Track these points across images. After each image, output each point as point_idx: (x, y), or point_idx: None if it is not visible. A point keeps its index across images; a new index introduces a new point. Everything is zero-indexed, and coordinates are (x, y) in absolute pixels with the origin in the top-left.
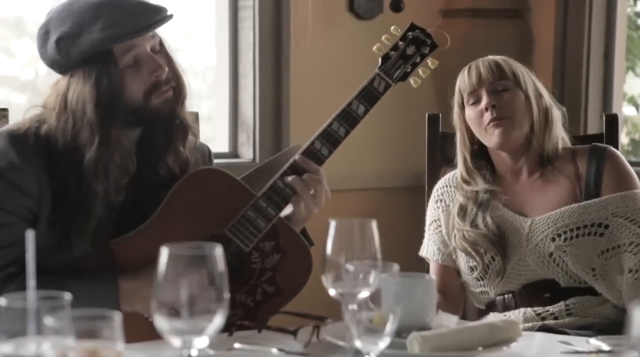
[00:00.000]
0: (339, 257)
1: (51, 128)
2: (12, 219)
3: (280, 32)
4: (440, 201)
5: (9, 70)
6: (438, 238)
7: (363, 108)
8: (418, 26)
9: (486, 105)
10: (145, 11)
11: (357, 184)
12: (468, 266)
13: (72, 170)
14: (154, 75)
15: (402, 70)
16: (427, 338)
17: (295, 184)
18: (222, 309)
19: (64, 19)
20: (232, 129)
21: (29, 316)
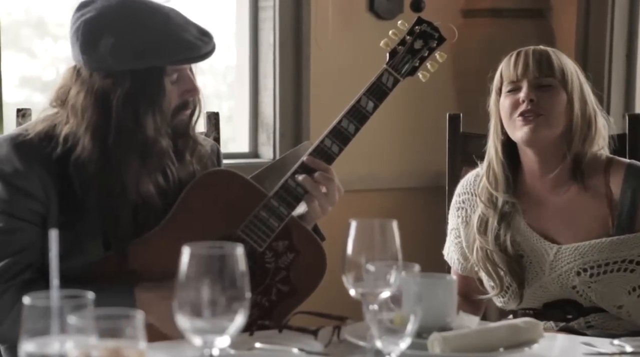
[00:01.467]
0: (359, 257)
1: (73, 130)
2: (22, 224)
3: (300, 32)
4: (461, 208)
5: (31, 71)
6: (458, 249)
7: (372, 104)
8: (425, 20)
9: (524, 98)
10: (202, 36)
11: (376, 184)
12: (488, 284)
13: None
14: (188, 95)
15: (411, 65)
16: (448, 339)
17: (306, 183)
18: (243, 308)
19: (126, 27)
20: (252, 129)
21: (52, 315)
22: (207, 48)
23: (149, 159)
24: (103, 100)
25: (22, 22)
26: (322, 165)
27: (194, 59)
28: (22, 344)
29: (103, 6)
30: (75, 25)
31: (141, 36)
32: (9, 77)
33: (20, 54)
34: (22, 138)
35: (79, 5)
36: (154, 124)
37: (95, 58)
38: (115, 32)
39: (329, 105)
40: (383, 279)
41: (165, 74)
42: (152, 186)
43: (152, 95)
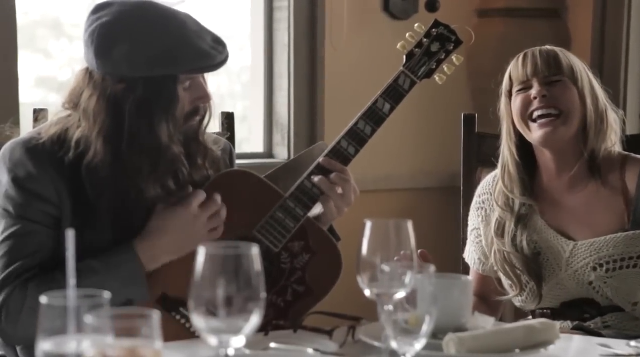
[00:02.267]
0: (374, 257)
1: (85, 134)
2: (36, 227)
3: (315, 33)
4: (481, 208)
5: (47, 71)
6: (479, 248)
7: (389, 106)
8: (442, 23)
9: (536, 94)
10: (217, 45)
11: (392, 184)
12: (507, 285)
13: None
14: (199, 101)
15: (427, 67)
16: (463, 340)
17: (322, 184)
18: (259, 308)
19: (142, 33)
20: (267, 130)
21: (69, 314)
22: (221, 57)
23: (162, 165)
24: (115, 106)
25: (38, 23)
26: (338, 166)
27: (208, 69)
28: (39, 344)
29: (119, 11)
30: (91, 29)
31: (156, 44)
32: (25, 77)
33: (37, 55)
34: (35, 142)
35: (95, 7)
36: (167, 131)
37: (109, 63)
38: (130, 39)
39: (344, 105)
40: (398, 280)
41: (178, 82)
42: (161, 190)
43: (165, 103)
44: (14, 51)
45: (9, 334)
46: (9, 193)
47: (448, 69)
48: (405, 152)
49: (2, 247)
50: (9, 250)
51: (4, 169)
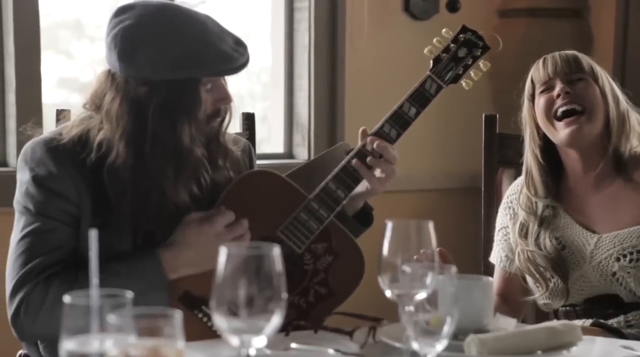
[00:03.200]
0: (395, 258)
1: (108, 136)
2: (55, 224)
3: (335, 33)
4: (509, 208)
5: (69, 72)
6: (506, 246)
7: (415, 110)
8: (470, 28)
9: (559, 91)
10: (238, 47)
11: (412, 184)
12: (533, 285)
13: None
14: (221, 103)
15: (454, 72)
16: (484, 341)
17: (360, 168)
18: (280, 308)
19: (164, 37)
20: (287, 130)
21: (92, 314)
22: (243, 59)
23: (185, 168)
24: (138, 109)
25: (60, 24)
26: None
27: (231, 71)
28: (62, 342)
29: (142, 14)
30: (114, 32)
31: (179, 47)
32: (48, 78)
33: (59, 56)
34: (56, 142)
35: (117, 10)
36: (189, 133)
37: (133, 67)
38: (153, 43)
39: (364, 105)
40: (419, 280)
41: (200, 84)
42: (186, 195)
43: (188, 105)
44: (37, 52)
45: (26, 329)
46: (29, 191)
47: (475, 75)
48: (426, 152)
49: (22, 244)
50: (29, 246)
51: (25, 168)
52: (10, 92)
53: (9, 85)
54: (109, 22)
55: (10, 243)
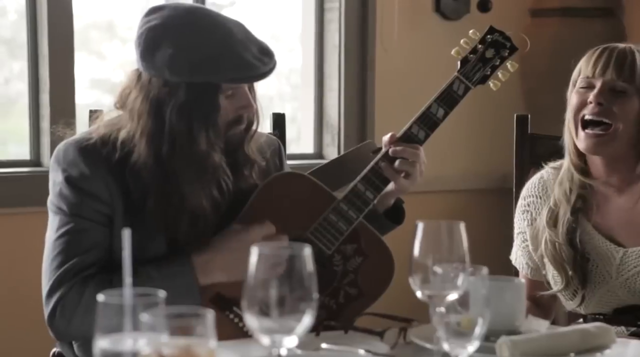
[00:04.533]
0: (426, 259)
1: (130, 134)
2: (89, 225)
3: (365, 34)
4: (526, 212)
5: (101, 73)
6: (526, 253)
7: (442, 111)
8: (497, 29)
9: (592, 99)
10: (262, 56)
11: (443, 185)
12: (553, 280)
13: (150, 178)
14: (242, 111)
15: (482, 73)
16: (516, 343)
17: (387, 171)
18: (311, 309)
19: (187, 39)
20: (317, 130)
21: (125, 313)
22: (265, 68)
23: (203, 173)
24: (157, 108)
25: (92, 25)
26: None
27: (249, 79)
28: (96, 341)
29: (169, 15)
30: (140, 31)
31: (200, 50)
32: (80, 79)
33: (91, 57)
34: (86, 142)
35: (148, 10)
36: (206, 139)
37: (152, 66)
38: (174, 43)
39: (394, 106)
40: (450, 282)
41: (220, 90)
42: (205, 199)
43: (205, 110)
44: (71, 54)
45: (61, 329)
46: (62, 192)
47: (502, 76)
48: (456, 153)
49: (58, 244)
50: (65, 247)
51: (58, 169)
52: (44, 93)
53: (43, 86)
54: (140, 22)
55: (45, 243)
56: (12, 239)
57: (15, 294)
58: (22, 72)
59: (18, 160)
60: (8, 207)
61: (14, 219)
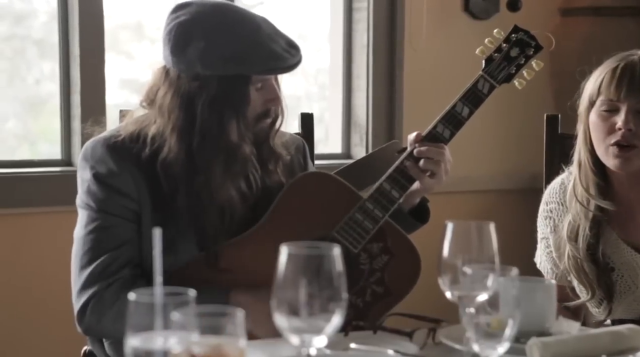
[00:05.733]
0: (455, 259)
1: (160, 130)
2: (117, 221)
3: (394, 33)
4: (549, 218)
5: (129, 73)
6: (549, 259)
7: (467, 110)
8: (522, 28)
9: (621, 126)
10: (290, 49)
11: (471, 185)
12: (577, 285)
13: (181, 173)
14: (270, 103)
15: (506, 72)
16: (547, 344)
17: (412, 170)
18: (340, 308)
19: (217, 33)
20: (345, 130)
21: (156, 311)
22: (293, 60)
23: (233, 164)
24: (188, 103)
25: (122, 26)
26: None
27: (279, 70)
28: (127, 339)
29: (197, 11)
30: (169, 27)
31: (231, 43)
32: (110, 79)
33: (120, 57)
34: (114, 139)
35: (175, 7)
36: (237, 130)
37: (184, 61)
38: (205, 37)
39: (422, 106)
40: (480, 282)
41: (250, 82)
42: (234, 191)
43: (237, 102)
44: (101, 54)
45: (90, 326)
46: (91, 189)
47: (528, 74)
48: (484, 153)
49: (87, 241)
50: (94, 244)
51: (86, 166)
52: (75, 94)
53: (74, 86)
54: (167, 19)
55: (74, 238)
56: (43, 238)
57: (47, 292)
58: (53, 72)
59: (49, 159)
60: (40, 206)
61: (46, 218)
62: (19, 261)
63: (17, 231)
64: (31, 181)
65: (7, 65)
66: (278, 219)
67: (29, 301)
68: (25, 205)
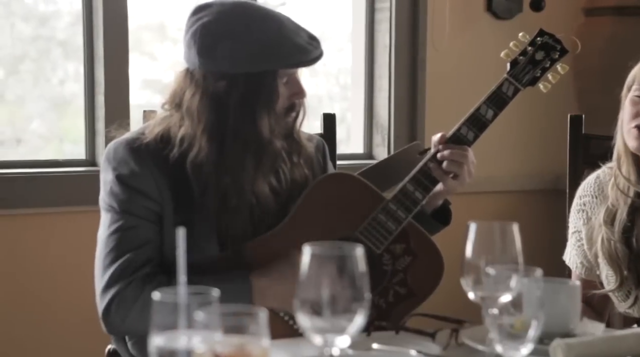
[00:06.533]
0: (478, 260)
1: (189, 132)
2: (139, 222)
3: (416, 34)
4: (582, 211)
5: (152, 74)
6: (580, 252)
7: (492, 112)
8: (547, 32)
9: None
10: (312, 41)
11: (494, 186)
12: (606, 279)
13: (211, 173)
14: (295, 97)
15: (531, 75)
16: (572, 346)
17: (435, 172)
18: (363, 308)
19: (243, 31)
20: (367, 131)
21: (180, 311)
22: (317, 52)
23: (264, 159)
24: (218, 103)
25: (144, 27)
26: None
27: (306, 63)
28: (151, 338)
29: (219, 11)
30: (193, 29)
31: (257, 40)
32: (133, 79)
33: (143, 58)
34: (138, 142)
35: (195, 9)
36: (269, 125)
37: (212, 61)
38: (232, 36)
39: (445, 106)
40: (503, 283)
41: (277, 77)
42: (266, 186)
43: (266, 97)
44: (125, 55)
45: (115, 325)
46: (113, 190)
47: (553, 78)
48: (508, 153)
49: (110, 241)
50: (117, 244)
51: (109, 167)
52: (99, 94)
53: (98, 87)
54: (187, 21)
55: (98, 240)
56: (68, 237)
57: (71, 292)
58: (77, 73)
59: (74, 159)
60: (64, 206)
61: (70, 217)
62: (44, 260)
63: (42, 231)
64: (56, 180)
65: (32, 66)
66: (301, 219)
67: (53, 300)
68: (50, 205)
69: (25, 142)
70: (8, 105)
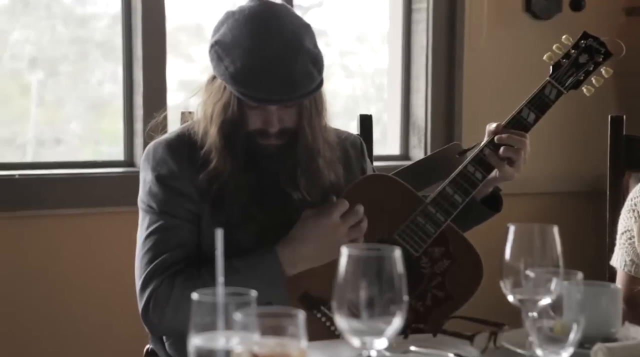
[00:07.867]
0: (518, 262)
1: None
2: (177, 222)
3: (454, 34)
4: (633, 210)
5: (188, 75)
6: (630, 249)
7: (534, 116)
8: (591, 34)
9: None
10: (311, 71)
11: (533, 187)
12: None
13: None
14: (264, 126)
15: (575, 78)
16: (613, 350)
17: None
18: (401, 311)
19: (235, 49)
20: (403, 131)
21: (218, 311)
22: (300, 91)
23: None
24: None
25: (180, 28)
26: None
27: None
28: (190, 338)
29: (235, 19)
30: (214, 38)
31: (245, 63)
32: (169, 81)
33: (178, 59)
34: (175, 141)
35: (225, 14)
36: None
37: (217, 71)
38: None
39: (482, 107)
40: (543, 286)
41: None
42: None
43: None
44: (163, 57)
45: (154, 323)
46: (152, 190)
47: (596, 81)
48: (547, 154)
49: (148, 241)
50: (155, 243)
51: (148, 168)
52: (137, 95)
53: (137, 88)
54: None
55: (137, 241)
56: (107, 237)
57: (111, 292)
58: (115, 74)
59: (112, 160)
60: (102, 206)
61: (109, 218)
62: (84, 260)
63: (81, 231)
64: (94, 181)
65: (71, 67)
66: None
67: (94, 299)
68: (89, 205)
69: (64, 143)
70: (47, 107)
